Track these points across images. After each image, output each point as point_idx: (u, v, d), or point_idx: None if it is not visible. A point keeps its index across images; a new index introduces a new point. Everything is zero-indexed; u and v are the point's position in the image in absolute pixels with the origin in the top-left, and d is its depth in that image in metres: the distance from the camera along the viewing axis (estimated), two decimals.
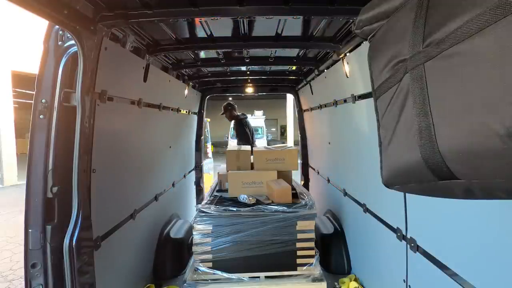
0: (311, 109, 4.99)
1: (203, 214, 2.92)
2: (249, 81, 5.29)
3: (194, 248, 2.89)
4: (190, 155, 5.48)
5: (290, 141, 20.22)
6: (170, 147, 4.09)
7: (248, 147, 4.09)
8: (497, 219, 1.31)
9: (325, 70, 3.68)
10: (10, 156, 11.99)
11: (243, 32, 2.75)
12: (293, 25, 2.65)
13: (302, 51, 3.38)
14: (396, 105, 0.98)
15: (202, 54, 3.59)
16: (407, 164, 0.94)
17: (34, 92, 1.86)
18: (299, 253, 2.91)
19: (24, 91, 11.56)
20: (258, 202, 3.10)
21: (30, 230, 1.82)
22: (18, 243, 5.64)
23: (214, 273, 2.84)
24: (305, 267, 2.91)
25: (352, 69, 2.86)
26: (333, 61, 3.29)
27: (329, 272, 3.42)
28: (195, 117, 5.63)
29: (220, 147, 24.08)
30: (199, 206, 3.03)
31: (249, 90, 5.62)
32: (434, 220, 1.79)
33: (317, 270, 2.91)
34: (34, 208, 1.83)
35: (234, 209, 2.94)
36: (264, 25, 2.65)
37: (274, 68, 4.41)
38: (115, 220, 2.45)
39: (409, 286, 2.11)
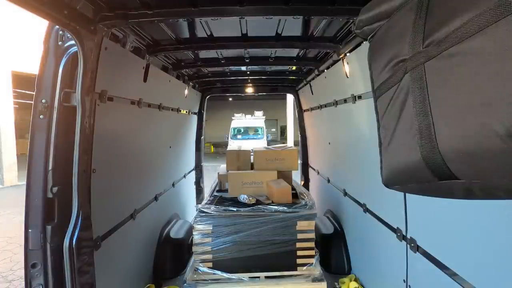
0: (311, 109, 4.99)
1: (203, 214, 2.92)
2: (249, 81, 5.29)
3: (194, 248, 2.89)
4: (190, 155, 5.48)
5: (290, 141, 20.20)
6: (170, 147, 4.09)
7: (248, 147, 4.09)
8: (497, 219, 1.31)
9: (325, 70, 3.68)
10: (10, 156, 11.99)
11: (243, 32, 2.75)
12: (293, 25, 2.65)
13: (302, 51, 3.39)
14: (396, 105, 0.98)
15: (202, 54, 3.60)
16: (407, 164, 0.94)
17: (34, 93, 1.86)
18: (299, 253, 2.91)
19: (24, 91, 11.56)
20: (258, 202, 3.10)
21: (30, 230, 1.82)
22: (18, 244, 5.63)
23: (214, 273, 2.84)
24: (305, 267, 2.91)
25: (352, 69, 2.86)
26: (333, 61, 3.29)
27: (329, 272, 3.42)
28: (195, 117, 5.63)
29: (220, 147, 24.10)
30: (199, 206, 3.03)
31: (249, 90, 5.63)
32: (434, 220, 1.79)
33: (317, 270, 2.90)
34: (34, 208, 1.83)
35: (234, 209, 2.94)
36: (264, 25, 2.65)
37: (274, 68, 4.41)
38: (115, 220, 2.45)
39: (409, 286, 2.11)
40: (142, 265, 3.10)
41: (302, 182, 5.84)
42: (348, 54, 2.88)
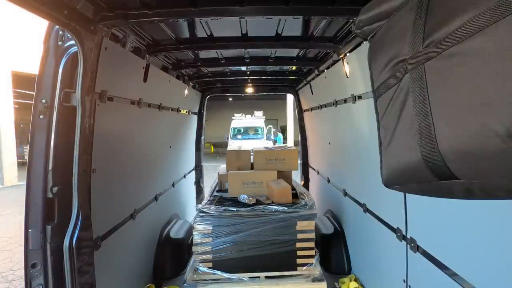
0: (311, 109, 4.99)
1: (203, 214, 2.92)
2: (249, 81, 5.29)
3: (194, 248, 2.89)
4: (190, 155, 5.48)
5: (290, 141, 20.20)
6: (170, 147, 4.09)
7: (248, 147, 4.09)
8: (497, 219, 1.31)
9: (325, 70, 3.68)
10: (10, 156, 12.00)
11: (243, 32, 2.75)
12: (293, 25, 2.65)
13: (302, 51, 3.39)
14: (396, 105, 0.98)
15: (202, 54, 3.60)
16: (407, 164, 0.94)
17: (34, 93, 1.86)
18: (299, 253, 2.91)
19: (24, 91, 11.56)
20: (258, 202, 3.10)
21: (30, 230, 1.82)
22: (18, 243, 5.63)
23: (214, 273, 2.84)
24: (305, 267, 2.91)
25: (352, 69, 2.86)
26: (333, 61, 3.29)
27: (329, 272, 3.42)
28: (195, 117, 5.63)
29: (220, 147, 24.10)
30: (199, 206, 3.03)
31: (249, 90, 5.63)
32: (434, 220, 1.79)
33: (317, 270, 2.91)
34: (34, 208, 1.83)
35: (234, 209, 2.94)
36: (264, 25, 2.65)
37: (274, 68, 4.41)
38: (115, 220, 2.45)
39: (409, 286, 2.11)
40: (142, 265, 3.10)
41: (302, 182, 5.84)
42: (348, 54, 2.88)
